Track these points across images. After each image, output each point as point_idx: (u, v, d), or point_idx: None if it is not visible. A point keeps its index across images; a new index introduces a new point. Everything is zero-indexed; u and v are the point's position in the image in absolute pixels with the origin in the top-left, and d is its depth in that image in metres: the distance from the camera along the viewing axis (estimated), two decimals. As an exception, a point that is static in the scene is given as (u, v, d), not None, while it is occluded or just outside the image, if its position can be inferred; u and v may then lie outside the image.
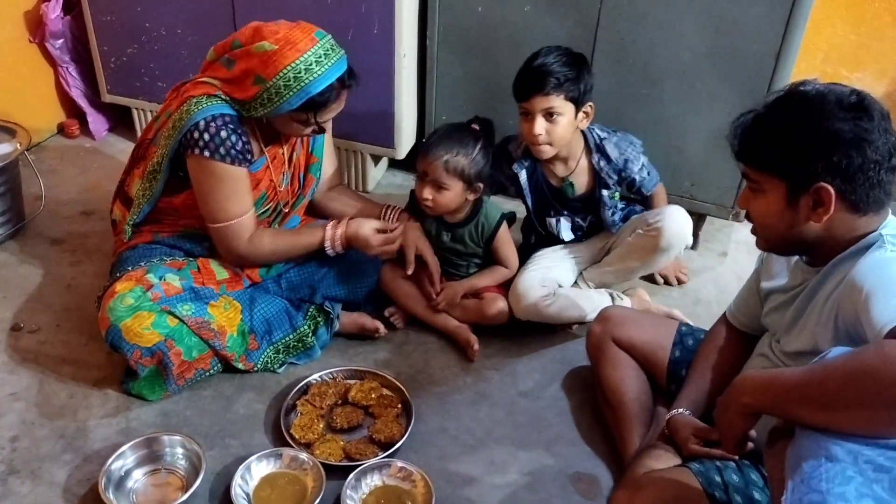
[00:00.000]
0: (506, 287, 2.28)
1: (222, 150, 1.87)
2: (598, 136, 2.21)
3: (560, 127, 2.09)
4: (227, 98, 1.90)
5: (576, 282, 2.37)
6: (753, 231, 1.49)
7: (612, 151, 2.19)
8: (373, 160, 2.93)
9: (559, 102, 2.06)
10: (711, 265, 2.62)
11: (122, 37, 2.91)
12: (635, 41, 2.36)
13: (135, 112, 3.12)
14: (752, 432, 1.31)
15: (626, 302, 2.31)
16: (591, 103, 2.14)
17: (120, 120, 3.30)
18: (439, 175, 2.08)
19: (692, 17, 2.27)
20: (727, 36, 2.26)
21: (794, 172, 1.34)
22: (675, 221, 2.17)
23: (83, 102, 3.18)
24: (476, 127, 2.15)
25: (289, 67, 1.82)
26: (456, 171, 2.08)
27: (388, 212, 2.24)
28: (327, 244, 2.07)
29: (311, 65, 1.83)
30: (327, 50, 1.87)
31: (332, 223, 2.10)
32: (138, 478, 1.80)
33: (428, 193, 2.12)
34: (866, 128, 1.28)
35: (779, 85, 2.28)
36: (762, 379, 1.24)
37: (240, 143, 1.90)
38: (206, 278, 2.05)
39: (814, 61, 2.83)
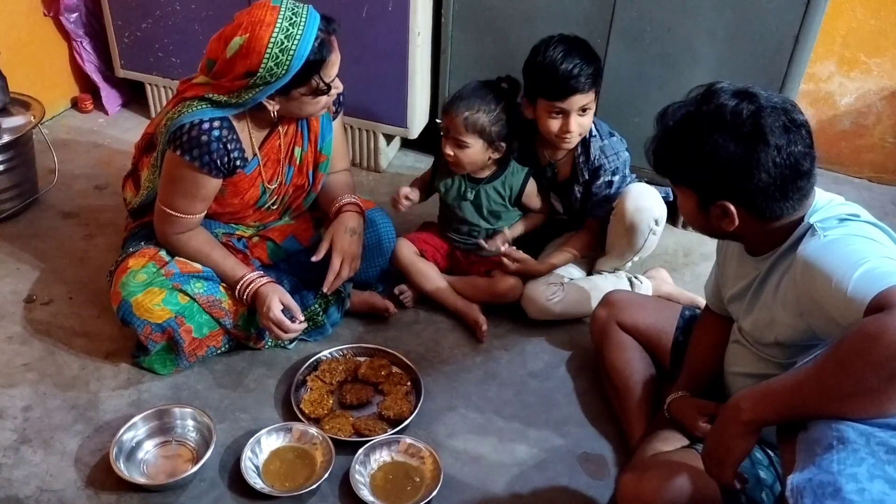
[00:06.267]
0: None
1: (195, 153, 1.83)
2: (591, 131, 2.15)
3: (588, 118, 2.09)
4: (219, 97, 1.82)
5: (591, 273, 2.35)
6: None
7: (594, 151, 2.15)
8: (385, 139, 2.92)
9: (592, 97, 2.06)
10: (724, 250, 2.60)
11: (137, 11, 2.91)
12: (653, 21, 2.34)
13: (148, 87, 3.12)
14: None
15: (647, 284, 2.29)
16: None
17: (133, 95, 3.30)
18: (460, 132, 2.09)
19: (711, -2, 2.25)
20: (745, 18, 2.24)
21: (698, 189, 1.41)
22: (632, 199, 2.11)
23: (97, 77, 3.18)
24: (505, 86, 2.14)
25: (270, 44, 1.72)
26: (475, 129, 2.08)
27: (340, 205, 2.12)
28: (239, 286, 1.97)
29: (287, 30, 1.73)
30: (293, 9, 1.76)
31: (260, 273, 2.00)
32: (149, 449, 1.82)
33: (450, 150, 2.13)
34: (757, 151, 1.31)
35: (797, 68, 2.27)
36: (757, 393, 1.24)
37: (219, 153, 1.85)
38: None
39: (832, 45, 2.80)
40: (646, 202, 2.11)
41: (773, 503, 1.40)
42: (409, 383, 2.01)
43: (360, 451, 1.79)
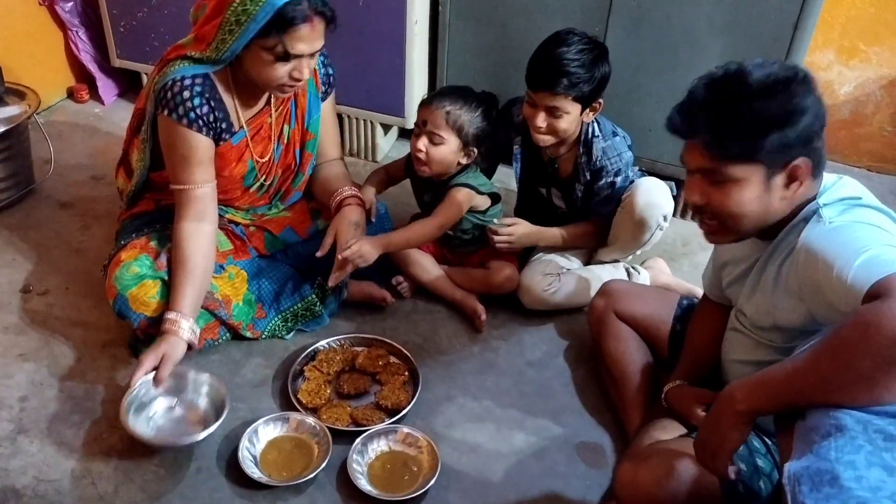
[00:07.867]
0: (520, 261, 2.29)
1: (180, 111, 1.81)
2: (594, 130, 2.13)
3: (563, 123, 2.03)
4: (200, 54, 1.81)
5: (590, 263, 2.34)
6: (710, 227, 1.44)
7: (596, 152, 2.12)
8: (382, 129, 2.91)
9: (566, 103, 1.99)
10: (722, 239, 2.60)
11: (132, 0, 2.89)
12: (651, 11, 2.33)
13: (144, 77, 3.11)
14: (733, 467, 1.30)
15: (644, 275, 2.29)
16: (600, 99, 2.06)
17: (129, 85, 3.28)
18: (439, 125, 2.06)
19: (709, -14, 2.24)
20: (744, 6, 2.23)
21: (773, 155, 1.33)
22: (643, 193, 2.09)
23: (92, 67, 3.17)
24: (482, 95, 2.14)
25: None
26: (455, 125, 2.06)
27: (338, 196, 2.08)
28: (170, 314, 1.84)
29: None
30: None
31: (190, 325, 1.85)
32: (158, 410, 1.81)
33: (422, 145, 2.09)
34: (817, 96, 1.34)
35: (796, 57, 2.26)
36: (751, 383, 1.23)
37: (203, 108, 1.83)
38: None
39: (831, 34, 2.79)
40: (656, 198, 2.10)
41: (770, 491, 1.41)
42: (406, 373, 2.01)
43: (358, 440, 1.78)
